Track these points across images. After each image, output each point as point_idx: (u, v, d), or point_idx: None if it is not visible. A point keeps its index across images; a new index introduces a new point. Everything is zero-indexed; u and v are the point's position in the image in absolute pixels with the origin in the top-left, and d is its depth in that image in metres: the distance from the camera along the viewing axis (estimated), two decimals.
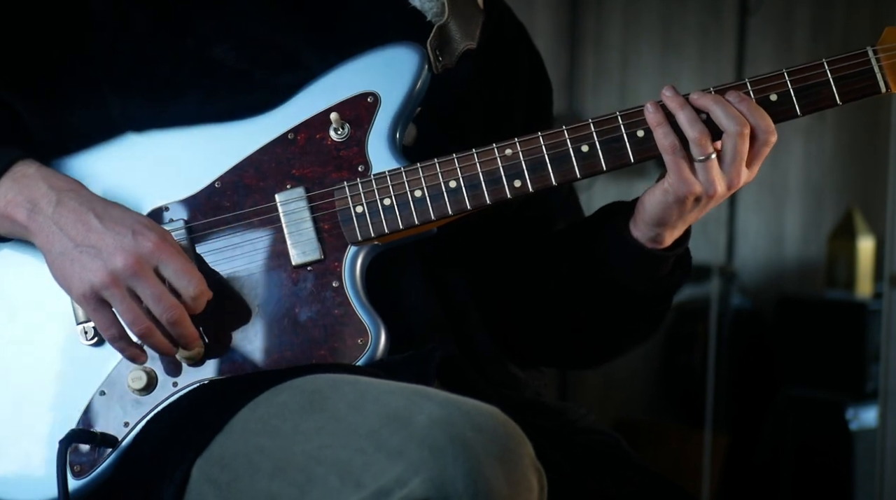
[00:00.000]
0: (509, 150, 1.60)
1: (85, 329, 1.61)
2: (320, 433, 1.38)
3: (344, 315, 1.58)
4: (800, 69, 1.59)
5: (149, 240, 1.52)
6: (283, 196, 1.61)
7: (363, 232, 1.60)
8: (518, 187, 1.60)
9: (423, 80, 1.63)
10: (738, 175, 1.58)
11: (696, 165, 1.57)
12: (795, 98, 1.58)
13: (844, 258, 5.00)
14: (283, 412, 1.43)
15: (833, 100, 1.58)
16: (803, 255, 5.33)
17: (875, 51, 1.58)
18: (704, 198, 1.59)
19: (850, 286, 4.97)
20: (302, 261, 1.60)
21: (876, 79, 1.58)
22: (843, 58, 1.59)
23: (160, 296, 1.51)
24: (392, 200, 1.60)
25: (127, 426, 1.59)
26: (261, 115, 1.64)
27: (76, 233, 1.52)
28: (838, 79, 1.58)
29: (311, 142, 1.62)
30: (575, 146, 1.59)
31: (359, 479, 1.31)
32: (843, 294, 4.91)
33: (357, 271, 1.60)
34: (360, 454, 1.32)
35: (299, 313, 1.59)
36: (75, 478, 1.58)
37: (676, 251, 1.68)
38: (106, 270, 1.50)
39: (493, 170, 1.60)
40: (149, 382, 1.59)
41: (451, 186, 1.60)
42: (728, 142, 1.56)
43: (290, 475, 1.37)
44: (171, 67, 1.65)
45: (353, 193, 1.60)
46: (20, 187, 1.55)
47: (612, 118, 1.60)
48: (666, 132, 1.57)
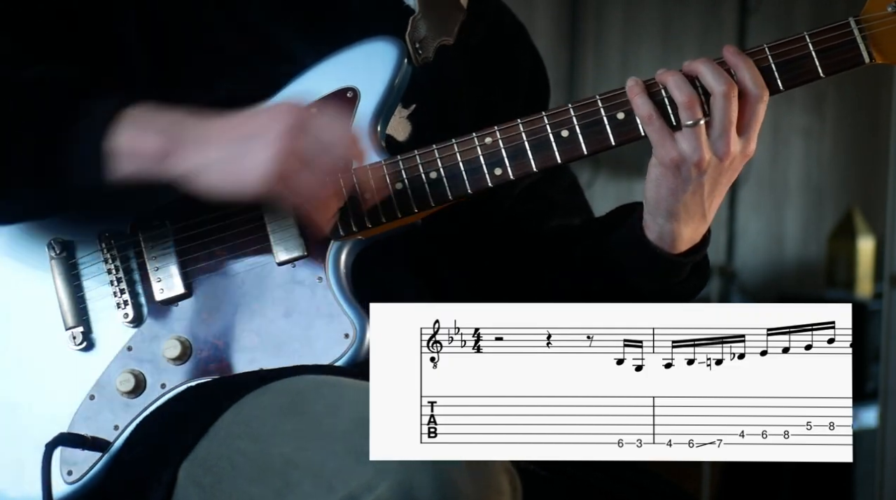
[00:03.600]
0: (489, 138, 1.60)
1: (73, 334, 1.62)
2: (297, 436, 1.38)
3: (329, 311, 1.59)
4: (781, 43, 1.58)
5: (286, 108, 1.50)
6: None
7: (345, 227, 1.60)
8: (499, 175, 1.60)
9: (402, 73, 1.63)
10: (728, 142, 1.55)
11: (684, 130, 1.55)
12: (777, 72, 1.57)
13: (844, 258, 5.01)
14: (264, 415, 1.44)
15: (816, 72, 1.58)
16: (803, 255, 5.34)
17: (858, 21, 1.58)
18: (694, 169, 1.55)
19: (850, 286, 4.97)
20: (286, 258, 1.61)
21: (859, 49, 1.57)
22: (824, 30, 1.58)
23: (329, 140, 1.49)
24: (373, 194, 1.60)
25: (117, 429, 1.59)
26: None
27: (223, 134, 1.49)
28: (820, 51, 1.57)
29: None
30: (555, 132, 1.59)
31: (331, 483, 1.31)
32: (843, 294, 4.91)
33: (341, 266, 1.61)
34: (332, 458, 1.33)
35: (285, 311, 1.60)
36: (69, 483, 1.58)
37: (693, 258, 1.65)
38: (272, 142, 1.46)
39: (474, 159, 1.60)
40: (137, 384, 1.59)
41: (433, 177, 1.60)
42: (716, 104, 1.54)
43: (268, 478, 1.38)
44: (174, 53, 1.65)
45: None
46: (141, 123, 1.50)
47: (591, 102, 1.59)
48: (643, 101, 1.57)
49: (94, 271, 1.64)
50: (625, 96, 1.58)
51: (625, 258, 1.66)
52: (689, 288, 1.69)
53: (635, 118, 1.58)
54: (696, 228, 1.63)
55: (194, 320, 1.61)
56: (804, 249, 5.34)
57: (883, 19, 1.57)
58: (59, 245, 1.63)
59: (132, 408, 1.60)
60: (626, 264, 1.66)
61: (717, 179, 1.58)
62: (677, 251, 1.64)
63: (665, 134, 1.56)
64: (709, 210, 1.61)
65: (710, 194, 1.59)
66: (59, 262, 1.63)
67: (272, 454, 1.38)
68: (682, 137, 1.55)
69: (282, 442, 1.38)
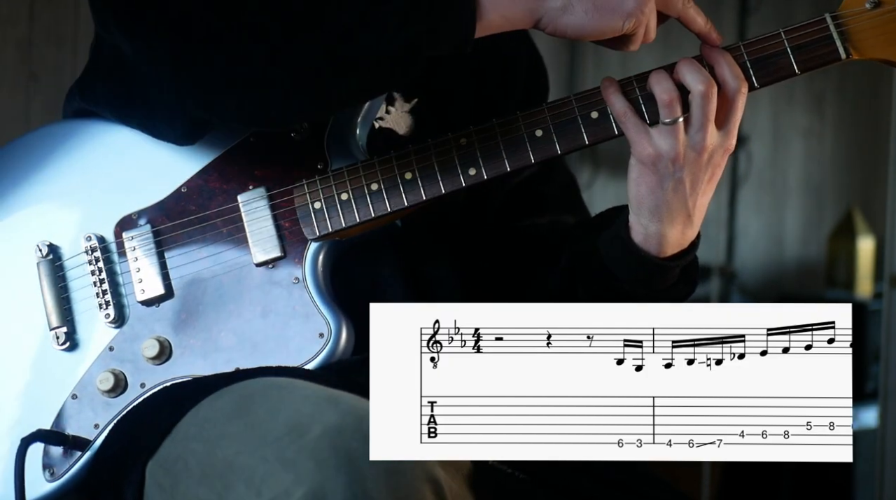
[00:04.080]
0: (464, 139, 1.61)
1: (57, 334, 1.64)
2: (238, 439, 1.38)
3: (305, 311, 1.60)
4: (756, 41, 1.58)
5: None
6: (245, 197, 1.63)
7: (321, 227, 1.62)
8: (473, 175, 1.60)
9: None
10: (706, 136, 1.55)
11: (661, 127, 1.55)
12: (752, 69, 1.57)
13: (844, 258, 5.01)
14: (216, 417, 1.44)
15: (791, 69, 1.57)
16: (803, 255, 5.34)
17: (834, 16, 1.57)
18: (670, 164, 1.55)
19: (850, 286, 4.97)
20: (263, 259, 1.62)
21: (835, 45, 1.56)
22: (800, 26, 1.58)
23: None
24: (349, 195, 1.61)
25: (97, 427, 1.61)
26: None
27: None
28: (796, 48, 1.57)
29: (273, 143, 1.65)
30: (529, 132, 1.60)
31: (259, 488, 1.32)
32: (843, 294, 4.91)
33: (319, 267, 1.62)
34: (263, 463, 1.33)
35: (262, 311, 1.61)
36: (49, 481, 1.60)
37: (679, 262, 1.64)
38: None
39: (448, 159, 1.60)
40: (116, 383, 1.61)
41: (407, 177, 1.61)
42: (694, 101, 1.54)
43: (212, 480, 1.38)
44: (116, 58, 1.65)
45: (311, 189, 1.62)
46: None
47: (566, 102, 1.60)
48: (618, 98, 1.57)
49: (79, 273, 1.66)
50: (599, 96, 1.59)
51: (611, 260, 1.65)
52: (678, 294, 1.67)
53: (609, 117, 1.58)
54: (682, 231, 1.61)
55: (174, 321, 1.63)
56: (804, 249, 5.34)
57: (860, 15, 1.56)
58: (45, 247, 1.66)
59: (112, 407, 1.62)
60: (612, 267, 1.65)
61: (698, 176, 1.57)
62: (664, 255, 1.62)
63: (641, 130, 1.56)
64: (693, 210, 1.59)
65: (693, 192, 1.58)
66: (46, 264, 1.66)
67: (217, 457, 1.39)
68: (657, 134, 1.55)
69: (226, 445, 1.39)
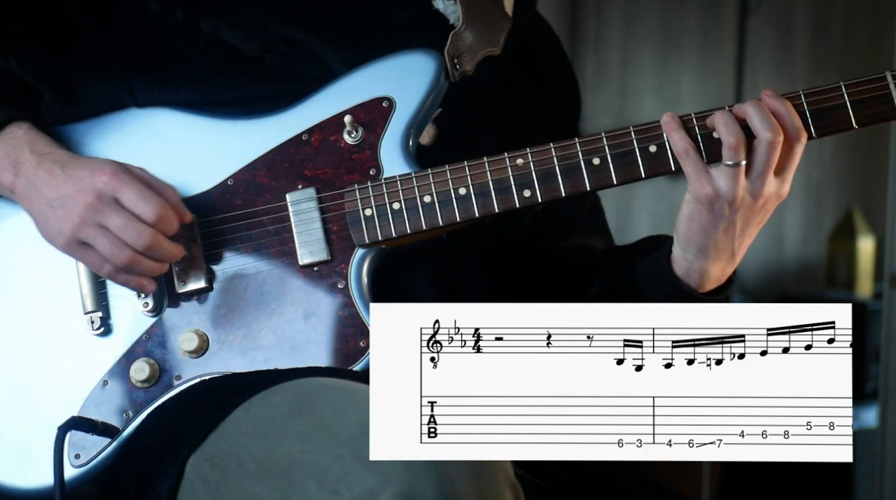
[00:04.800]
0: (520, 159, 1.61)
1: (92, 319, 1.64)
2: (304, 437, 1.38)
3: (348, 317, 1.60)
4: (817, 91, 1.58)
5: (104, 174, 1.56)
6: (294, 196, 1.63)
7: (371, 235, 1.61)
8: (527, 197, 1.60)
9: (438, 88, 1.64)
10: (765, 183, 1.56)
11: (722, 168, 1.55)
12: (811, 119, 1.58)
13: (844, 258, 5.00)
14: (273, 414, 1.44)
15: (849, 123, 1.58)
16: (803, 255, 5.33)
17: (895, 75, 1.58)
18: (727, 207, 1.56)
19: (850, 286, 4.96)
20: (309, 261, 1.62)
21: (894, 103, 1.57)
22: (860, 81, 1.58)
23: (125, 225, 1.54)
24: (401, 205, 1.61)
25: (128, 416, 1.61)
26: (277, 113, 1.65)
27: (48, 190, 1.57)
28: (855, 102, 1.57)
29: (325, 143, 1.64)
30: (586, 159, 1.60)
31: (335, 487, 1.32)
32: (843, 294, 4.91)
33: (364, 274, 1.62)
34: (338, 462, 1.33)
35: (304, 313, 1.61)
36: (76, 466, 1.60)
37: (717, 297, 1.65)
38: (74, 214, 1.55)
39: (504, 178, 1.60)
40: (151, 374, 1.61)
41: (461, 192, 1.61)
42: (760, 148, 1.54)
43: (273, 478, 1.38)
44: (184, 44, 1.66)
45: (363, 195, 1.62)
46: (7, 149, 1.60)
47: (625, 132, 1.60)
48: (680, 136, 1.57)
49: None
50: (658, 129, 1.59)
51: (648, 291, 1.66)
52: None
53: (667, 152, 1.58)
54: (723, 269, 1.64)
55: (213, 315, 1.62)
56: (804, 249, 5.34)
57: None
58: None
59: (145, 397, 1.61)
60: (649, 298, 1.66)
61: (749, 219, 1.58)
62: (703, 290, 1.64)
63: (701, 169, 1.56)
64: (738, 250, 1.62)
65: (741, 234, 1.60)
66: None
67: (278, 454, 1.39)
68: (718, 174, 1.56)
69: (288, 443, 1.39)
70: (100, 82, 1.67)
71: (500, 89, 1.77)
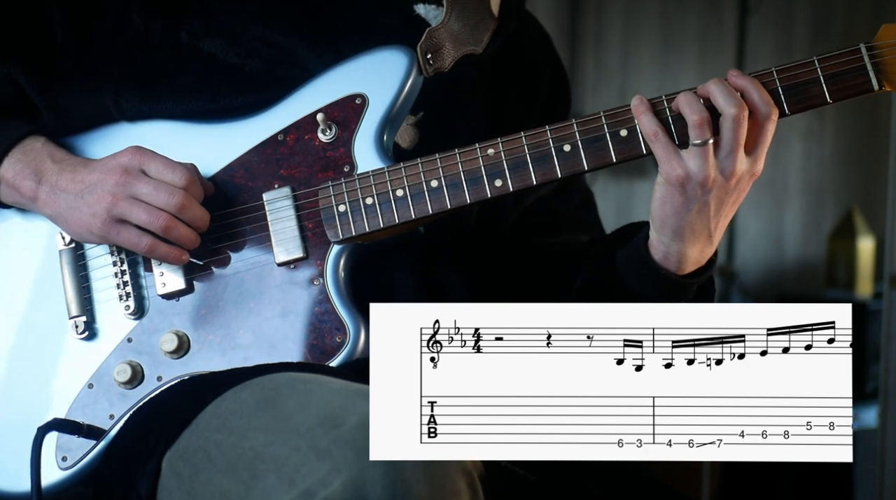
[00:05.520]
0: (492, 149, 1.61)
1: (76, 323, 1.66)
2: (267, 430, 1.39)
3: (325, 312, 1.61)
4: (790, 67, 1.57)
5: (125, 154, 1.62)
6: (270, 195, 1.64)
7: (345, 231, 1.62)
8: (499, 187, 1.60)
9: (411, 83, 1.65)
10: (735, 161, 1.54)
11: (691, 149, 1.55)
12: (784, 96, 1.57)
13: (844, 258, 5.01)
14: (241, 409, 1.45)
15: (823, 98, 1.56)
16: (803, 255, 5.34)
17: (869, 47, 1.56)
18: (699, 188, 1.55)
19: (850, 286, 4.97)
20: (285, 259, 1.63)
21: (868, 76, 1.56)
22: (834, 55, 1.57)
23: (156, 189, 1.60)
24: (374, 199, 1.62)
25: (112, 418, 1.63)
26: (254, 115, 1.67)
27: (74, 186, 1.63)
28: (829, 76, 1.56)
29: (300, 143, 1.65)
30: (557, 146, 1.60)
31: (292, 478, 1.32)
32: (843, 294, 4.91)
33: (340, 270, 1.63)
34: (295, 453, 1.33)
35: (282, 311, 1.62)
36: (63, 468, 1.62)
37: (697, 280, 1.64)
38: (105, 193, 1.60)
39: (475, 169, 1.61)
40: (133, 375, 1.63)
41: (433, 185, 1.61)
42: (725, 125, 1.54)
43: (238, 471, 1.39)
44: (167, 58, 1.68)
45: (336, 192, 1.63)
46: (28, 160, 1.65)
47: (595, 118, 1.60)
48: (649, 119, 1.56)
49: (101, 263, 1.68)
50: (628, 113, 1.59)
51: (629, 278, 1.65)
52: None
53: (637, 135, 1.58)
54: (701, 250, 1.62)
55: (193, 316, 1.64)
56: (804, 249, 5.34)
57: (894, 47, 1.56)
58: (68, 236, 1.68)
59: (128, 398, 1.63)
60: (630, 284, 1.65)
61: (723, 199, 1.58)
62: (682, 272, 1.63)
63: (671, 151, 1.56)
64: (715, 231, 1.61)
65: (716, 214, 1.59)
66: (68, 253, 1.68)
67: (243, 447, 1.40)
68: (688, 155, 1.55)
69: (253, 436, 1.40)
70: (88, 97, 1.70)
71: (483, 90, 1.77)
